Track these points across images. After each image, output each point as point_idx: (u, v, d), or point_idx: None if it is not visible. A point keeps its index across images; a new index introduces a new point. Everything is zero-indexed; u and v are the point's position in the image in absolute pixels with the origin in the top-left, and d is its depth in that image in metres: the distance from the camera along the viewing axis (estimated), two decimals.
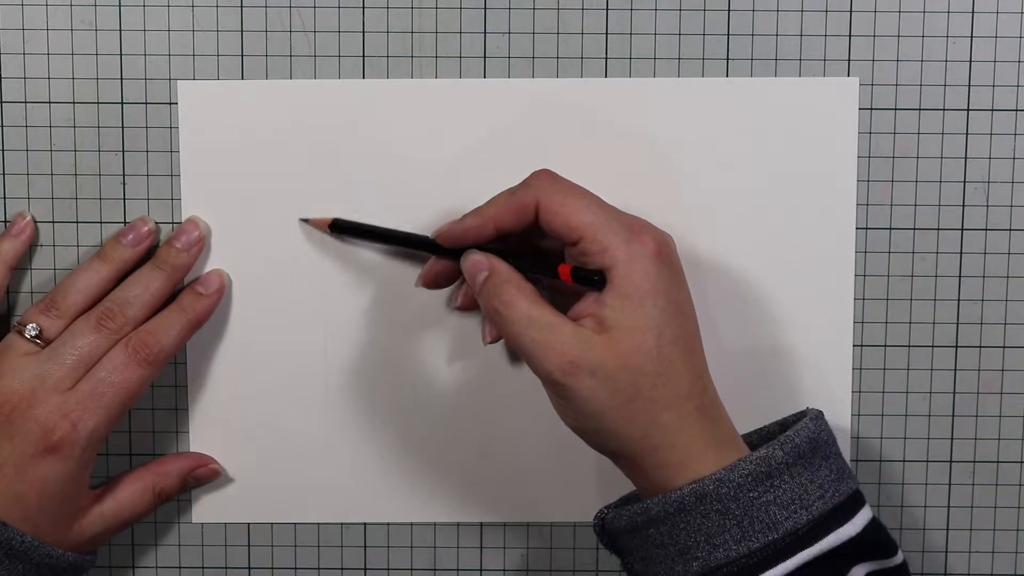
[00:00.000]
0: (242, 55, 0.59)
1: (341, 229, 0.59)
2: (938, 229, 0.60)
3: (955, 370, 0.61)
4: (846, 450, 0.61)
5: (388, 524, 0.62)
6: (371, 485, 0.62)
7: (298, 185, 0.60)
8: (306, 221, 0.60)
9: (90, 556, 0.58)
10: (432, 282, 0.58)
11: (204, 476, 0.61)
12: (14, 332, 0.57)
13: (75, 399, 0.55)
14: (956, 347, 0.61)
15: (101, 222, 0.60)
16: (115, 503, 0.58)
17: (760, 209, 0.60)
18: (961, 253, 0.60)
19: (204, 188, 0.60)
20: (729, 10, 0.59)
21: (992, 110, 0.59)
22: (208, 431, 0.61)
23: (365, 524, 0.62)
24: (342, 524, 0.62)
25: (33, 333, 0.56)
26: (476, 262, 0.54)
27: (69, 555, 0.55)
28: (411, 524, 0.62)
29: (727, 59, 0.59)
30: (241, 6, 0.59)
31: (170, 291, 0.58)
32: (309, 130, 0.59)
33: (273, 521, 0.62)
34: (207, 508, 0.62)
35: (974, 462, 0.62)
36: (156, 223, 0.59)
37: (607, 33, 0.59)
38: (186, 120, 0.59)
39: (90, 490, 0.58)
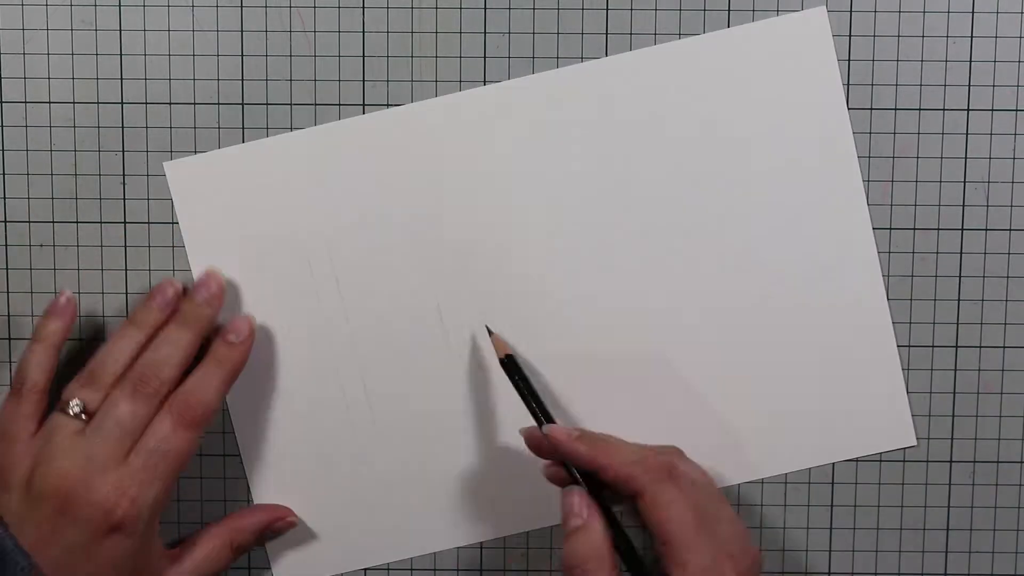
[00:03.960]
0: (242, 55, 0.59)
1: (509, 369, 0.58)
2: (938, 229, 0.60)
3: (955, 370, 0.61)
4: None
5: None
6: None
7: (299, 234, 0.60)
8: (490, 333, 0.59)
9: None
10: (534, 448, 0.57)
11: (281, 529, 0.61)
12: (58, 411, 0.56)
13: (130, 474, 0.54)
14: (956, 347, 0.61)
15: (101, 222, 0.60)
16: (193, 563, 0.58)
17: (755, 165, 0.59)
18: (961, 253, 0.60)
19: (208, 255, 0.60)
20: (729, 10, 0.59)
21: (992, 110, 0.60)
22: (271, 488, 0.61)
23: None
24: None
25: (77, 410, 0.56)
26: (573, 505, 0.54)
27: None
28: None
29: None
30: (241, 6, 0.59)
31: (198, 345, 0.58)
32: (302, 182, 0.59)
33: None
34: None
35: (974, 462, 0.62)
36: (183, 285, 0.59)
37: (607, 33, 0.59)
38: (178, 196, 0.60)
39: (167, 550, 0.58)
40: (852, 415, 0.60)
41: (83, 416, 0.56)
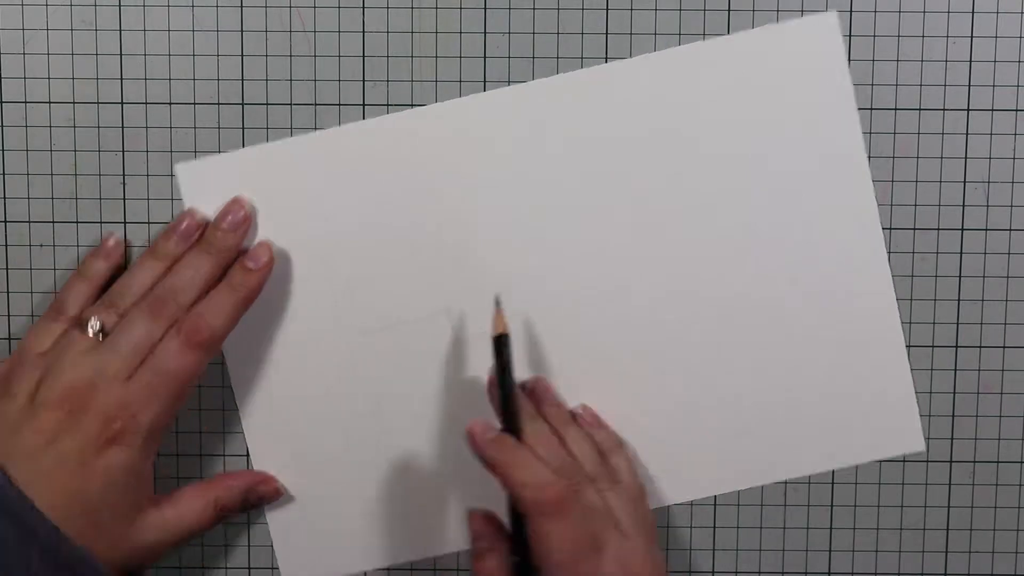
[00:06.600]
0: (242, 55, 0.59)
1: (499, 346, 0.55)
2: (938, 229, 0.60)
3: (955, 370, 0.61)
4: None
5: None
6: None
7: (310, 236, 0.60)
8: (498, 305, 0.57)
9: None
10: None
11: (266, 494, 0.60)
12: (75, 328, 0.56)
13: (134, 389, 0.55)
14: (956, 347, 0.61)
15: (101, 222, 0.60)
16: (176, 511, 0.57)
17: (763, 171, 0.59)
18: (961, 253, 0.60)
19: None
20: (729, 10, 0.59)
21: (992, 110, 0.60)
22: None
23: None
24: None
25: (96, 328, 0.56)
26: (479, 530, 0.55)
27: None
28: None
29: None
30: (241, 6, 0.59)
31: (220, 273, 0.58)
32: (314, 185, 0.59)
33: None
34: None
35: (974, 462, 0.62)
36: (203, 216, 0.59)
37: (607, 33, 0.59)
38: (189, 198, 0.59)
39: (152, 495, 0.57)
40: (860, 419, 0.60)
41: (100, 336, 0.56)
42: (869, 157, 0.60)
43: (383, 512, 0.61)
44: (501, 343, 0.55)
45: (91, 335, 0.56)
